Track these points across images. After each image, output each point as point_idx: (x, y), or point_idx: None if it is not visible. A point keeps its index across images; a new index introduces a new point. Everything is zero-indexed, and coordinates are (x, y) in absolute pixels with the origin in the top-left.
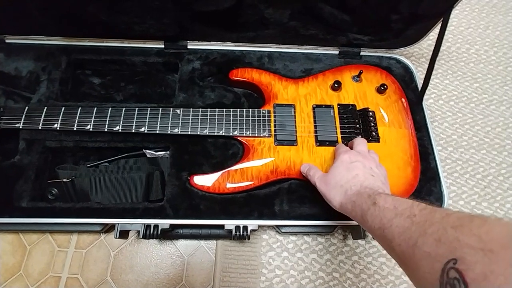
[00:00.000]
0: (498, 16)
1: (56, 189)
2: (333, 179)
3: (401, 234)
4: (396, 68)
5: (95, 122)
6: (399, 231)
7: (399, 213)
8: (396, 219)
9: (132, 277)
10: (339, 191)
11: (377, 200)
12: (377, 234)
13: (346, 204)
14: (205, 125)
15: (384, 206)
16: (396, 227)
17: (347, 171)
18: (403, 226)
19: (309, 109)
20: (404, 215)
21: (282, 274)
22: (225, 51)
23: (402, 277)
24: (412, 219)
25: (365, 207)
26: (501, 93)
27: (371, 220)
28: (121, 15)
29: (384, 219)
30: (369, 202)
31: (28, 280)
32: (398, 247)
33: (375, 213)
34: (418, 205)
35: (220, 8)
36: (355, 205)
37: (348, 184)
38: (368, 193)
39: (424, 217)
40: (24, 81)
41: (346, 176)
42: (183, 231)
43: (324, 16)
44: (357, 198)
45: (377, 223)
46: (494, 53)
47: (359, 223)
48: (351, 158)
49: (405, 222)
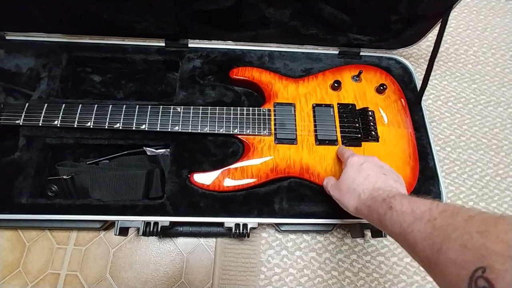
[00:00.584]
0: (495, 18)
1: (56, 186)
2: (345, 183)
3: (423, 240)
4: (395, 68)
5: (95, 119)
6: (422, 236)
7: (419, 217)
8: (417, 223)
9: (131, 274)
10: (353, 196)
11: (393, 204)
12: (398, 239)
13: (361, 209)
14: (205, 123)
15: (401, 210)
16: (418, 232)
17: (358, 173)
18: (425, 231)
19: (309, 108)
20: (424, 219)
21: (281, 272)
22: (226, 50)
23: (400, 276)
24: (433, 223)
25: (381, 211)
26: (498, 95)
27: (390, 225)
28: (122, 14)
29: (403, 224)
30: (384, 206)
31: (27, 277)
32: (422, 253)
33: (393, 218)
34: (437, 207)
35: (221, 7)
36: (371, 210)
37: (361, 187)
38: (382, 196)
39: (445, 220)
40: (25, 78)
41: (357, 179)
42: (182, 229)
43: (324, 16)
44: (372, 203)
45: (397, 228)
46: (492, 55)
47: (378, 227)
48: (359, 159)
49: (426, 227)
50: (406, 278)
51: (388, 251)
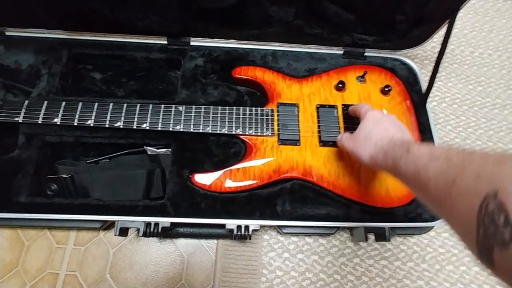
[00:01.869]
0: (502, 20)
1: (55, 185)
2: (362, 133)
3: (437, 176)
4: (400, 69)
5: (96, 117)
6: (436, 173)
7: (435, 157)
8: (433, 162)
9: (131, 275)
10: (369, 144)
11: (410, 148)
12: (410, 180)
13: (376, 155)
14: (207, 123)
15: (418, 153)
16: (433, 169)
17: (377, 124)
18: (441, 168)
19: (313, 109)
20: (440, 159)
21: (282, 275)
22: (229, 49)
23: (404, 281)
24: (449, 161)
25: (397, 155)
26: (504, 97)
27: (404, 167)
28: (124, 11)
29: (419, 164)
30: (402, 150)
31: (26, 276)
32: (434, 189)
33: (408, 159)
34: (455, 149)
35: (224, 5)
36: (387, 155)
37: (379, 136)
38: (401, 142)
39: (462, 157)
40: (24, 75)
41: (375, 130)
42: (183, 230)
43: (329, 15)
44: (388, 148)
45: (411, 169)
46: (497, 57)
47: (390, 173)
48: (379, 113)
49: (442, 164)
50: (410, 282)
51: (392, 255)
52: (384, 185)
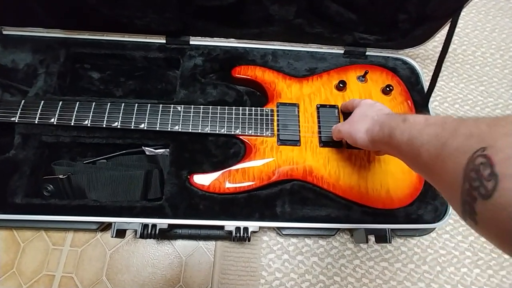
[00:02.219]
0: (504, 19)
1: (52, 186)
2: (357, 115)
3: (430, 139)
4: (402, 69)
5: (93, 117)
6: (429, 137)
7: (431, 123)
8: (427, 128)
9: (128, 277)
10: (364, 120)
11: (407, 117)
12: (403, 148)
13: (372, 127)
14: (206, 123)
15: (414, 121)
16: (427, 134)
17: (371, 107)
18: (434, 132)
19: (313, 109)
20: (436, 124)
21: (282, 277)
22: (228, 48)
23: (404, 283)
24: (443, 126)
25: (394, 124)
26: (506, 97)
27: (399, 135)
28: (122, 9)
29: (413, 130)
30: (398, 120)
31: (21, 278)
32: (425, 152)
33: (404, 127)
34: (450, 117)
35: (224, 3)
36: (383, 126)
37: (375, 112)
38: (397, 114)
39: (456, 122)
40: (21, 74)
41: (370, 110)
42: (181, 231)
43: (330, 14)
44: (385, 120)
45: (406, 136)
46: (500, 56)
47: (384, 145)
48: (373, 100)
49: (436, 129)
50: (411, 284)
51: (392, 257)
52: (385, 186)
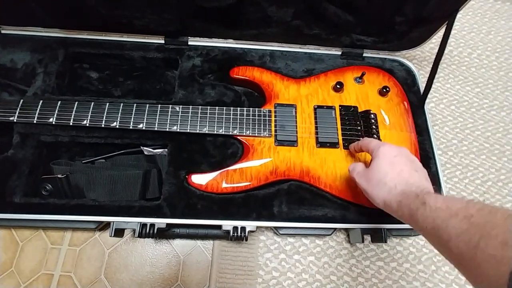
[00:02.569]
0: (500, 21)
1: (50, 185)
2: (376, 175)
3: (459, 236)
4: (398, 70)
5: (92, 117)
6: (457, 232)
7: (454, 214)
8: (452, 220)
9: (126, 276)
10: (383, 189)
11: (426, 200)
12: (429, 235)
13: (390, 203)
14: (204, 123)
15: (436, 206)
16: (453, 228)
17: (391, 166)
18: (461, 228)
19: (310, 110)
20: (460, 216)
21: (279, 276)
22: (227, 49)
23: (400, 282)
24: (469, 220)
25: (413, 207)
26: (502, 99)
27: (422, 221)
28: (121, 9)
29: (437, 219)
30: (417, 202)
31: (20, 277)
32: (456, 249)
33: (425, 213)
34: (474, 205)
35: (223, 4)
36: (401, 205)
37: (393, 182)
38: (416, 192)
39: (483, 218)
40: (20, 74)
41: (390, 173)
42: (179, 231)
43: (328, 16)
44: (403, 198)
45: (429, 224)
46: (495, 58)
47: (405, 222)
48: (393, 151)
49: (462, 223)
50: (406, 283)
51: (388, 256)
52: None
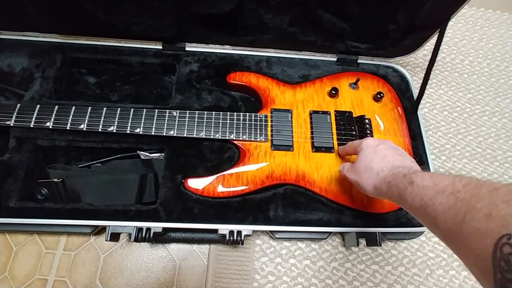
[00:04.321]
0: (491, 29)
1: (46, 189)
2: (362, 164)
3: (445, 212)
4: (392, 76)
5: (89, 121)
6: (443, 208)
7: (441, 190)
8: (439, 196)
9: (122, 281)
10: (371, 174)
11: (414, 179)
12: (418, 212)
13: (380, 185)
14: (201, 128)
15: (423, 184)
16: (440, 204)
17: (375, 153)
18: (448, 203)
19: (306, 115)
20: (447, 192)
21: (275, 280)
22: (223, 54)
23: (395, 285)
24: (456, 196)
25: (402, 186)
26: (493, 105)
27: (410, 199)
28: (119, 15)
29: (425, 197)
30: (405, 181)
31: (13, 282)
32: (443, 224)
33: (414, 191)
34: (461, 180)
35: (220, 11)
36: (391, 185)
37: (379, 165)
38: (403, 172)
39: (469, 192)
40: (17, 78)
41: (375, 159)
42: (175, 235)
43: (323, 23)
44: (391, 179)
45: (417, 202)
46: (487, 65)
47: (396, 203)
48: (375, 141)
49: (449, 199)
50: (401, 287)
51: (383, 260)
52: None
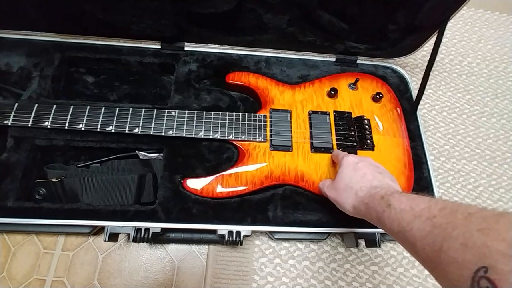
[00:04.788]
0: (490, 30)
1: (44, 189)
2: (341, 182)
3: (423, 238)
4: (391, 77)
5: (87, 121)
6: (421, 234)
7: (418, 215)
8: (416, 221)
9: (120, 281)
10: (350, 193)
11: (391, 202)
12: (398, 237)
13: (359, 206)
14: (200, 128)
15: (400, 208)
16: (418, 230)
17: (354, 171)
18: (425, 230)
19: (305, 115)
20: (423, 217)
21: (274, 281)
22: (223, 54)
23: (394, 286)
24: (432, 221)
25: (379, 209)
26: (492, 106)
27: (389, 223)
28: (118, 14)
29: (402, 222)
30: (383, 204)
31: (11, 282)
32: (422, 251)
33: (391, 215)
34: (436, 204)
35: (219, 11)
36: (369, 208)
37: (358, 185)
38: (380, 193)
39: (445, 218)
40: (15, 77)
41: (354, 177)
42: (174, 235)
43: (322, 23)
44: (369, 200)
45: (396, 226)
46: (485, 66)
47: (376, 225)
48: (355, 159)
49: (425, 225)
50: None
51: (382, 261)
52: None
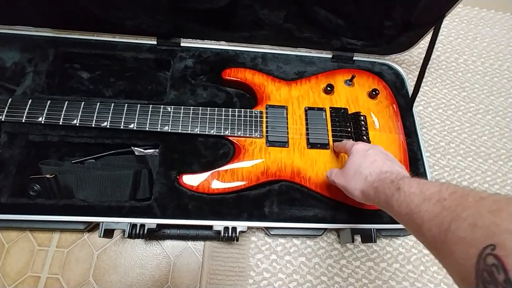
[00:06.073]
0: (485, 28)
1: (39, 185)
2: (351, 168)
3: (431, 219)
4: (387, 74)
5: (82, 116)
6: (429, 216)
7: (427, 198)
8: (425, 204)
9: (115, 278)
10: (359, 178)
11: (401, 185)
12: (404, 219)
13: (367, 190)
14: (196, 124)
15: (409, 191)
16: (426, 212)
17: (364, 158)
18: (433, 211)
19: (301, 111)
20: (433, 200)
21: (270, 277)
22: (219, 50)
23: (389, 282)
24: (442, 204)
25: (388, 192)
26: (487, 103)
27: (397, 206)
28: (113, 10)
29: (411, 204)
30: (392, 187)
31: (5, 280)
32: (428, 232)
33: (400, 198)
34: (447, 188)
35: (215, 6)
36: (378, 191)
37: (367, 170)
38: (390, 178)
39: (455, 201)
40: (9, 73)
41: (364, 163)
42: (170, 231)
43: (319, 20)
44: (379, 184)
45: (404, 209)
46: (481, 64)
47: (383, 209)
48: (365, 146)
49: (435, 207)
50: (395, 283)
51: (378, 257)
52: None
